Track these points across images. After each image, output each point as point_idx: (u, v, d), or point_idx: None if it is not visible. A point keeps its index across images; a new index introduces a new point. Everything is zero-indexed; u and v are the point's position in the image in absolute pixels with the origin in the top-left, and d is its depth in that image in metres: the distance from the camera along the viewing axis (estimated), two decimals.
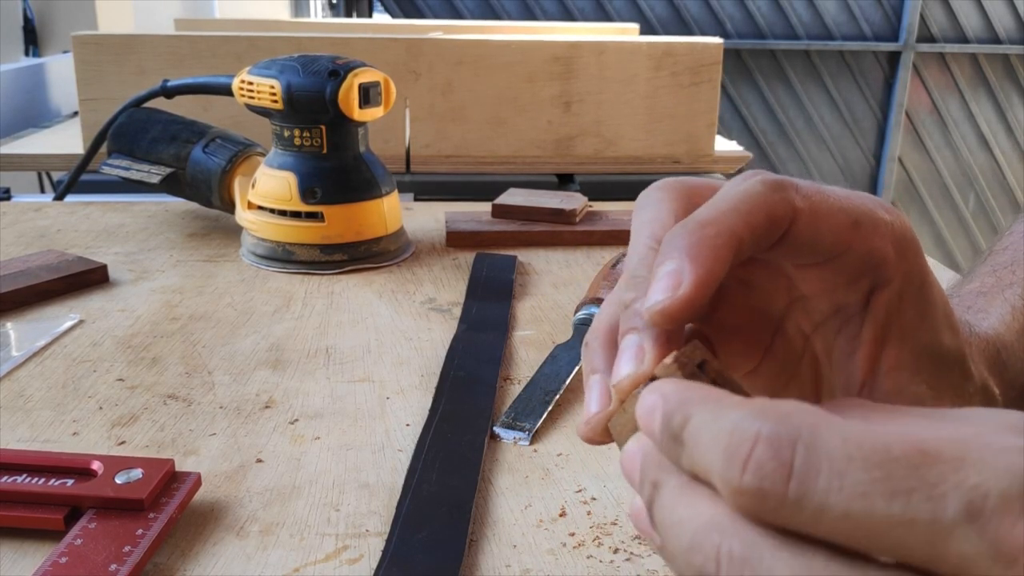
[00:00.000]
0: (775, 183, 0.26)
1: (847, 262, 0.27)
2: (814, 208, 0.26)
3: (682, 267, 0.24)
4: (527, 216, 0.84)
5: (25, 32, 1.94)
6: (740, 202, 0.25)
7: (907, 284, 0.28)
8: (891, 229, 0.27)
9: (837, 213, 0.26)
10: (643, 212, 0.28)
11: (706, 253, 0.24)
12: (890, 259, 0.27)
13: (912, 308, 0.28)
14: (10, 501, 0.38)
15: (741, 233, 0.24)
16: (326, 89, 0.71)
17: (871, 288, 0.28)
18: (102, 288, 0.68)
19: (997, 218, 4.78)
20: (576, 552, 0.38)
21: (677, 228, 0.25)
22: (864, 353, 0.28)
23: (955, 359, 0.29)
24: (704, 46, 1.34)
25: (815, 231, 0.26)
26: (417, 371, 0.55)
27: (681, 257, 0.24)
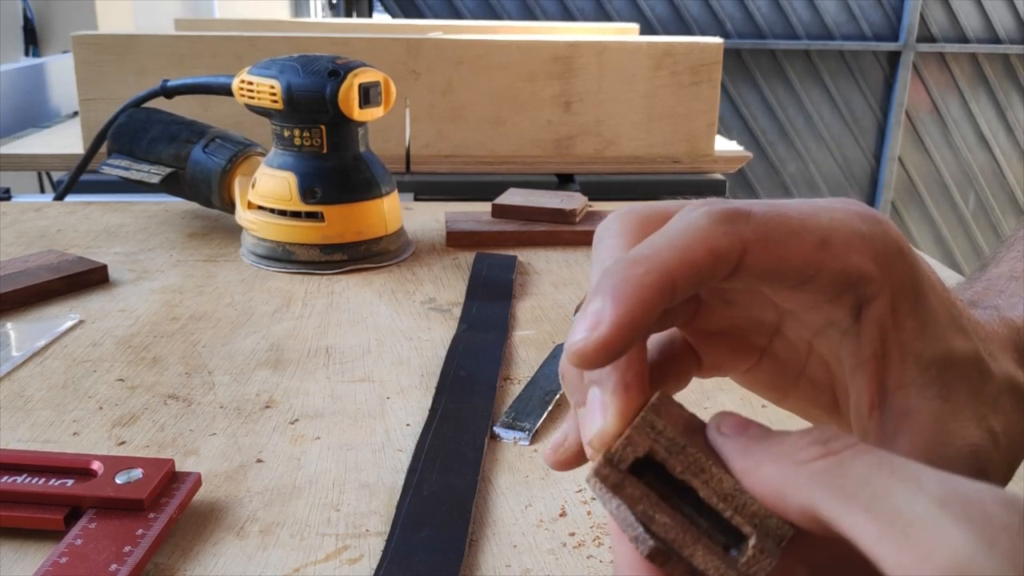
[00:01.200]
0: (722, 215, 0.24)
1: (822, 283, 0.26)
2: (769, 236, 0.25)
3: (604, 308, 0.23)
4: (527, 216, 0.84)
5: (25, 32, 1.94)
6: (678, 238, 0.24)
7: (899, 296, 0.26)
8: (869, 243, 0.26)
9: (799, 235, 0.25)
10: (598, 249, 0.27)
11: (629, 294, 0.23)
12: (871, 274, 0.26)
13: (909, 320, 0.26)
14: (10, 501, 0.38)
15: (675, 272, 0.23)
16: (326, 89, 0.71)
17: (858, 305, 0.26)
18: (102, 288, 0.68)
19: (997, 218, 4.78)
20: (576, 552, 0.38)
21: (610, 265, 0.24)
22: (867, 374, 0.27)
23: (969, 362, 0.27)
24: (704, 46, 1.34)
25: (774, 259, 0.25)
26: (417, 371, 0.55)
27: (604, 297, 0.23)
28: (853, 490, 0.20)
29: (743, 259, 0.24)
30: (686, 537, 0.23)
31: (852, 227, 0.26)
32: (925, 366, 0.26)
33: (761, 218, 0.25)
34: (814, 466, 0.21)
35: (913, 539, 0.18)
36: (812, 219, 0.25)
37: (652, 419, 0.24)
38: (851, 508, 0.20)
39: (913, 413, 0.26)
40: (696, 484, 0.23)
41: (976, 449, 0.26)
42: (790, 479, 0.21)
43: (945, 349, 0.27)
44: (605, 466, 0.23)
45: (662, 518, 0.23)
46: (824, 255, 0.25)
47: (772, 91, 4.47)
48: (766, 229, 0.25)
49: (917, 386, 0.26)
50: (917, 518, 0.19)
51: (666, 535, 0.23)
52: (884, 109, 4.58)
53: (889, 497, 0.19)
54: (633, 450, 0.23)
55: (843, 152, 4.60)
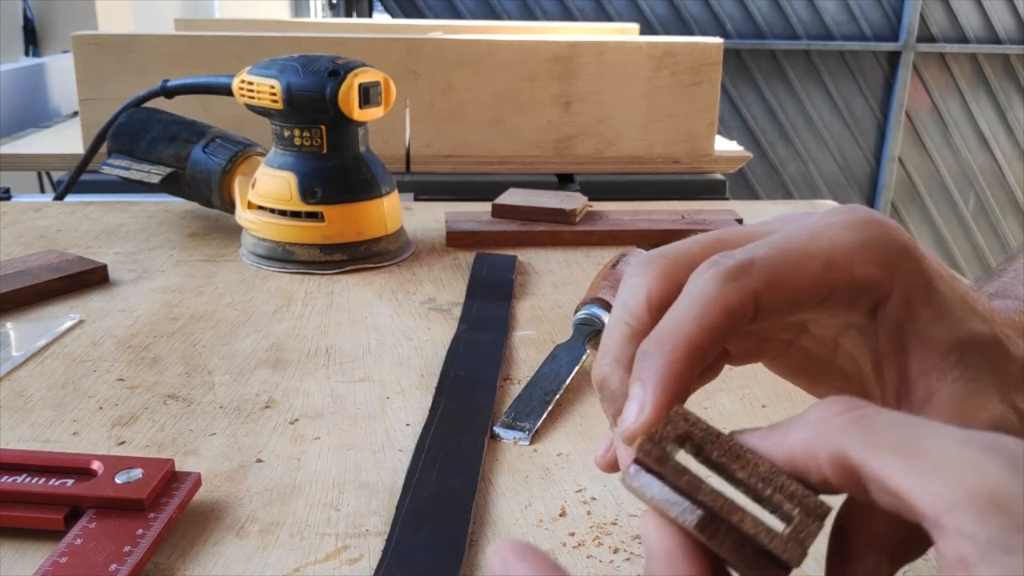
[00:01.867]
0: (727, 274, 0.26)
1: (836, 299, 0.27)
2: (776, 276, 0.26)
3: (645, 394, 0.25)
4: (527, 216, 0.84)
5: (25, 32, 1.94)
6: (694, 307, 0.26)
7: (911, 291, 0.27)
8: (871, 250, 0.27)
9: (804, 266, 0.27)
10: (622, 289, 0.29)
11: (664, 374, 0.25)
12: (879, 278, 0.27)
13: (923, 311, 0.27)
14: (10, 501, 0.38)
15: (699, 341, 0.26)
16: (326, 89, 0.71)
17: (873, 307, 0.28)
18: (102, 288, 0.68)
19: (997, 218, 4.78)
20: (576, 552, 0.38)
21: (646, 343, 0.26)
22: (889, 367, 0.28)
23: (988, 344, 0.28)
24: (704, 46, 1.34)
25: (787, 294, 0.26)
26: (417, 371, 0.55)
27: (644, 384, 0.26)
28: (880, 437, 0.21)
29: (758, 304, 0.26)
30: (734, 504, 0.23)
31: (852, 239, 0.27)
32: (945, 351, 0.27)
33: (764, 262, 0.26)
34: (843, 418, 0.22)
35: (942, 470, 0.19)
36: (812, 244, 0.27)
37: (685, 412, 0.25)
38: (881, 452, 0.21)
39: (936, 395, 0.27)
40: (735, 466, 0.24)
41: (1000, 422, 0.27)
42: (820, 434, 0.22)
43: (963, 333, 0.28)
44: (648, 442, 0.24)
45: (708, 486, 0.23)
46: (832, 275, 0.27)
47: (772, 91, 4.47)
48: (771, 272, 0.26)
49: (939, 371, 0.27)
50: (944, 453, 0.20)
51: (714, 503, 0.23)
52: (884, 109, 4.58)
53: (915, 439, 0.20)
54: (674, 428, 0.25)
55: (843, 152, 4.60)
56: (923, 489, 0.19)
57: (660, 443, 0.24)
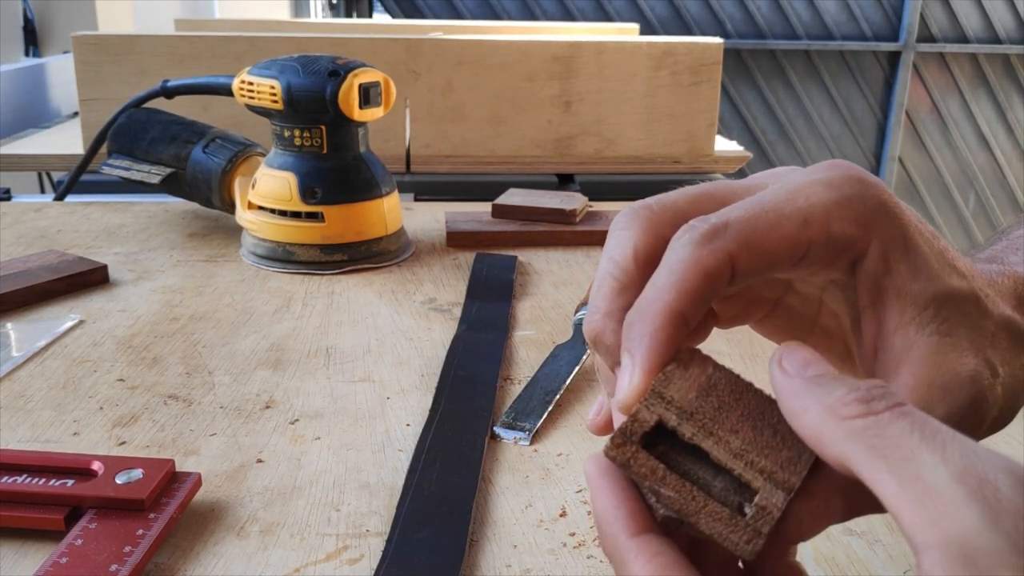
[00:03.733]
0: (702, 237, 0.27)
1: (813, 257, 0.28)
2: (751, 237, 0.27)
3: (633, 364, 0.26)
4: (527, 216, 0.84)
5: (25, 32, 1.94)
6: (672, 274, 0.26)
7: (888, 247, 0.28)
8: (847, 207, 0.27)
9: (780, 225, 0.27)
10: (608, 240, 0.30)
11: (648, 344, 0.26)
12: (856, 235, 0.27)
13: (901, 265, 0.28)
14: (11, 501, 0.38)
15: (680, 307, 0.26)
16: (326, 89, 0.71)
17: (852, 263, 0.28)
18: (102, 288, 0.68)
19: (997, 218, 4.78)
20: (576, 552, 0.38)
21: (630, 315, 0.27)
22: (868, 320, 0.29)
23: (966, 300, 0.29)
24: (704, 46, 1.34)
25: (763, 255, 0.27)
26: (417, 371, 0.55)
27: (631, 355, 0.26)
28: (884, 450, 0.21)
29: (735, 266, 0.27)
30: (691, 506, 0.24)
31: (829, 197, 0.27)
32: (922, 305, 0.28)
33: (738, 224, 0.27)
34: (853, 424, 0.22)
35: (928, 505, 0.20)
36: (789, 204, 0.27)
37: (661, 390, 0.26)
38: (879, 467, 0.21)
39: (913, 348, 0.28)
40: (707, 447, 0.25)
41: (974, 375, 0.28)
42: (829, 432, 0.23)
43: (940, 288, 0.28)
44: (614, 447, 0.25)
45: (667, 491, 0.25)
46: (808, 233, 0.27)
47: (772, 91, 4.47)
48: (745, 233, 0.27)
49: (916, 324, 0.28)
50: (935, 486, 0.20)
51: (673, 506, 0.25)
52: (884, 109, 4.58)
53: (913, 462, 0.21)
54: (641, 425, 0.25)
55: (843, 152, 4.60)
56: (908, 519, 0.20)
57: (631, 438, 0.25)
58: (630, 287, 0.28)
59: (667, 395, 0.25)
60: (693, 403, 0.25)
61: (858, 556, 0.38)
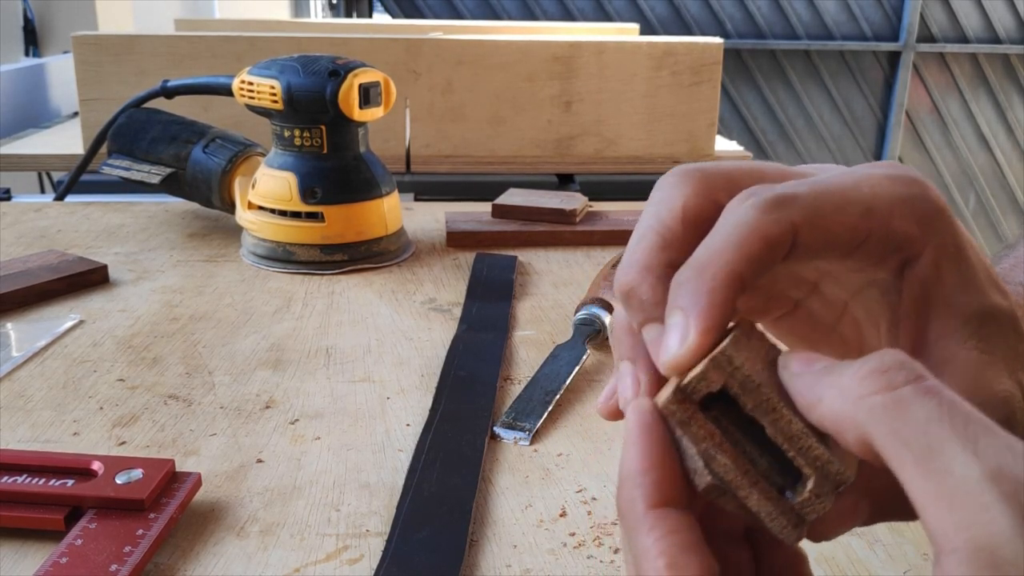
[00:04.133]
0: (767, 203, 0.25)
1: (869, 249, 0.27)
2: (816, 214, 0.26)
3: (687, 321, 0.25)
4: (527, 216, 0.84)
5: (25, 32, 1.94)
6: (733, 235, 0.25)
7: (941, 253, 0.27)
8: (910, 205, 0.27)
9: (844, 209, 0.26)
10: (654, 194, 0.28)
11: (706, 302, 0.24)
12: (914, 235, 0.27)
13: (951, 275, 0.27)
14: (11, 501, 0.38)
15: (739, 270, 0.25)
16: (326, 89, 0.71)
17: (902, 264, 0.27)
18: (102, 288, 0.68)
19: (997, 218, 4.78)
20: (576, 552, 0.38)
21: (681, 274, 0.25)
22: (907, 327, 0.28)
23: (1006, 319, 0.28)
24: (704, 46, 1.34)
25: (824, 234, 0.26)
26: (417, 371, 0.55)
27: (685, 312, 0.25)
28: (908, 437, 0.20)
29: (796, 240, 0.25)
30: (744, 479, 0.23)
31: (893, 192, 0.27)
32: (966, 318, 0.27)
33: (806, 199, 0.26)
34: (872, 401, 0.21)
35: (957, 506, 0.19)
36: (854, 191, 0.26)
37: (731, 354, 0.24)
38: (904, 455, 0.20)
39: (953, 361, 0.27)
40: (765, 422, 0.24)
41: (1008, 398, 0.27)
42: (848, 415, 0.21)
43: (986, 304, 0.27)
44: (674, 401, 0.24)
45: (723, 459, 0.24)
46: (869, 223, 0.26)
47: (772, 91, 4.47)
48: (812, 208, 0.26)
49: (958, 337, 0.27)
50: (965, 485, 0.19)
51: (724, 475, 0.23)
52: (884, 109, 4.58)
53: (943, 454, 0.19)
54: (707, 384, 0.24)
55: (843, 152, 4.60)
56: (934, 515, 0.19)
57: (691, 396, 0.24)
58: (674, 244, 0.27)
59: (736, 360, 0.24)
60: (760, 375, 0.24)
61: (858, 556, 0.38)
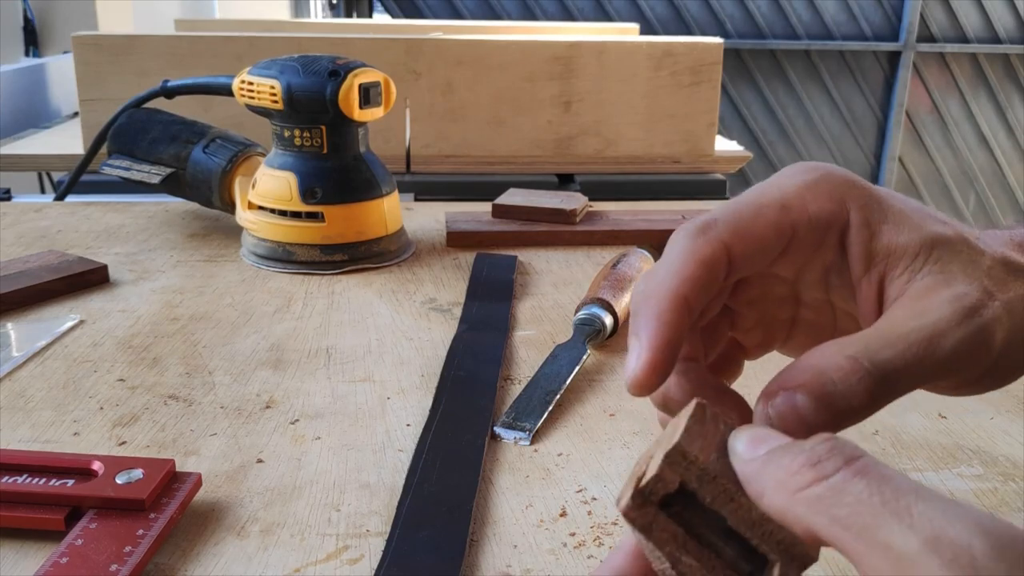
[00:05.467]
0: (694, 230, 0.28)
1: (801, 238, 0.29)
2: (739, 226, 0.29)
3: (639, 343, 0.27)
4: (527, 216, 0.84)
5: (25, 32, 1.94)
6: (671, 264, 0.28)
7: (867, 212, 0.30)
8: (817, 187, 0.30)
9: (762, 213, 0.29)
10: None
11: (653, 326, 0.27)
12: (833, 209, 0.29)
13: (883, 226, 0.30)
14: (11, 501, 0.38)
15: (682, 291, 0.28)
16: (326, 89, 0.71)
17: (838, 240, 0.30)
18: (102, 288, 0.68)
19: (997, 218, 4.78)
20: (577, 552, 0.38)
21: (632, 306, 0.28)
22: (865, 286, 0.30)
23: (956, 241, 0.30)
24: (704, 46, 1.34)
25: (754, 241, 0.29)
26: (417, 371, 0.55)
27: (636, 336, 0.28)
28: (846, 520, 0.20)
29: (731, 256, 0.28)
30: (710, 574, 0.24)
31: (800, 183, 0.30)
32: (913, 254, 0.29)
33: (725, 216, 0.29)
34: (808, 493, 0.21)
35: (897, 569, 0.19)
36: (765, 196, 0.30)
37: (685, 448, 0.24)
38: (846, 538, 0.20)
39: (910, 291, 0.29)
40: (724, 513, 0.24)
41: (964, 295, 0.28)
42: (790, 509, 0.22)
43: (927, 235, 0.30)
44: (634, 508, 0.24)
45: (688, 560, 0.24)
46: (789, 216, 0.29)
47: (772, 91, 4.46)
48: (734, 224, 0.29)
49: (909, 272, 0.29)
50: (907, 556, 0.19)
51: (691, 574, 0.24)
52: (884, 109, 4.58)
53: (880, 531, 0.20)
54: (664, 485, 0.24)
55: (843, 152, 4.60)
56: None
57: (650, 497, 0.24)
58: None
59: (690, 454, 0.24)
60: (714, 465, 0.24)
61: None
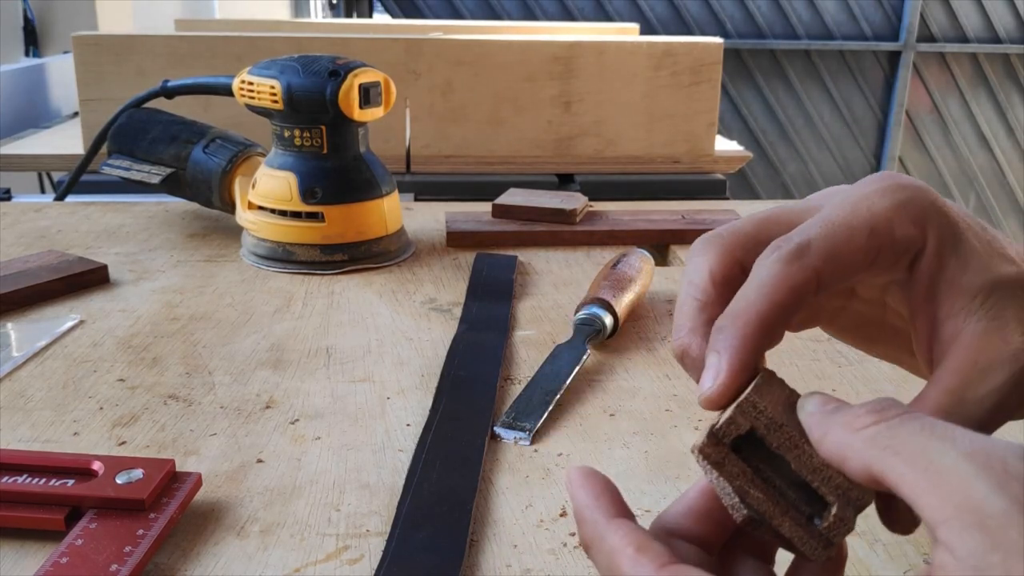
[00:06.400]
0: (790, 255, 0.29)
1: (881, 261, 0.30)
2: (831, 254, 0.29)
3: (720, 361, 0.28)
4: (527, 216, 0.84)
5: (25, 32, 1.94)
6: (764, 287, 0.29)
7: (940, 243, 0.30)
8: (905, 209, 0.30)
9: (852, 239, 0.29)
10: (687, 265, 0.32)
11: (737, 346, 0.28)
12: (915, 235, 0.30)
13: (952, 260, 0.30)
14: (11, 501, 0.38)
15: (771, 317, 0.29)
16: (326, 89, 0.71)
17: (911, 261, 0.31)
18: (102, 288, 0.68)
19: (997, 217, 4.78)
20: (577, 552, 0.38)
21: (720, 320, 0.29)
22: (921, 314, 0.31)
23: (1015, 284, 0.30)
24: (704, 46, 1.34)
25: (842, 266, 0.29)
26: (417, 371, 0.55)
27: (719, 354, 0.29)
28: (898, 447, 0.23)
29: (819, 280, 0.29)
30: (775, 510, 0.27)
31: (889, 205, 0.30)
32: (972, 295, 0.30)
33: (819, 242, 0.29)
34: (868, 431, 0.25)
35: (941, 484, 0.22)
36: (855, 217, 0.30)
37: (755, 400, 0.27)
38: (896, 463, 0.23)
39: (962, 334, 0.30)
40: (789, 458, 0.27)
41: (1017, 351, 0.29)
42: (849, 443, 0.25)
43: (989, 277, 0.30)
44: (709, 445, 0.27)
45: (756, 493, 0.27)
46: (876, 241, 0.30)
47: (772, 91, 4.47)
48: (827, 250, 0.29)
49: (965, 312, 0.30)
50: (946, 468, 0.22)
51: (759, 507, 0.27)
52: (884, 109, 4.58)
53: (926, 452, 0.23)
54: (736, 428, 0.27)
55: (843, 152, 4.60)
56: (925, 502, 0.22)
57: (722, 439, 0.27)
58: (710, 305, 0.30)
59: (760, 405, 0.27)
60: (781, 416, 0.27)
61: (858, 556, 0.38)
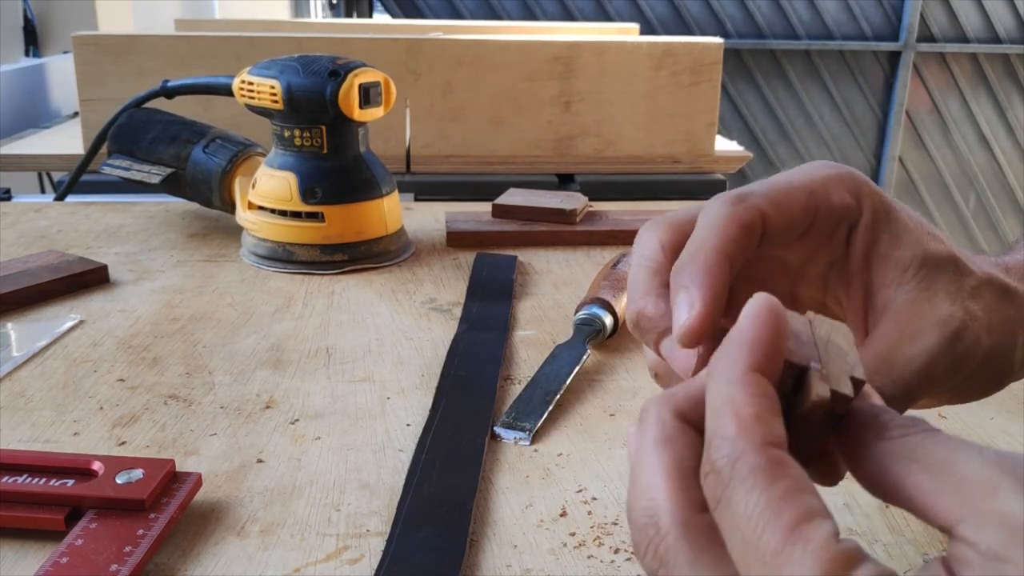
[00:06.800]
0: (734, 198, 0.31)
1: (819, 224, 0.32)
2: (773, 201, 0.31)
3: (691, 294, 0.29)
4: (527, 216, 0.84)
5: (25, 32, 1.94)
6: (714, 225, 0.30)
7: (874, 216, 0.33)
8: (841, 181, 0.33)
9: (793, 195, 0.32)
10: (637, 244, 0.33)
11: (704, 276, 0.29)
12: (851, 204, 0.32)
13: (884, 234, 0.33)
14: (11, 501, 0.38)
15: (726, 249, 0.30)
16: (326, 89, 0.71)
17: (846, 235, 0.33)
18: (102, 288, 0.68)
19: (997, 217, 4.78)
20: (577, 552, 0.38)
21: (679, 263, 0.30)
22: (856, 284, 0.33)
23: (945, 260, 0.33)
24: (704, 46, 1.34)
25: (784, 217, 0.31)
26: (417, 371, 0.55)
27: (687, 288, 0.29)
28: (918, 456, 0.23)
29: (765, 225, 0.31)
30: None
31: (826, 175, 0.33)
32: (903, 267, 0.32)
33: (761, 190, 0.32)
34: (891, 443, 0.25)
35: (962, 487, 0.22)
36: (795, 180, 0.32)
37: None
38: (914, 470, 0.23)
39: (894, 302, 0.32)
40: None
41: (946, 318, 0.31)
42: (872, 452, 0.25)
43: (920, 251, 0.32)
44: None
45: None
46: (815, 201, 0.32)
47: (772, 91, 4.46)
48: (768, 197, 0.31)
49: (896, 283, 0.32)
50: (970, 474, 0.22)
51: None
52: (884, 109, 4.58)
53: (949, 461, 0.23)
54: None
55: (843, 152, 4.60)
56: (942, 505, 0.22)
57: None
58: (662, 271, 0.31)
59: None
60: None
61: None
